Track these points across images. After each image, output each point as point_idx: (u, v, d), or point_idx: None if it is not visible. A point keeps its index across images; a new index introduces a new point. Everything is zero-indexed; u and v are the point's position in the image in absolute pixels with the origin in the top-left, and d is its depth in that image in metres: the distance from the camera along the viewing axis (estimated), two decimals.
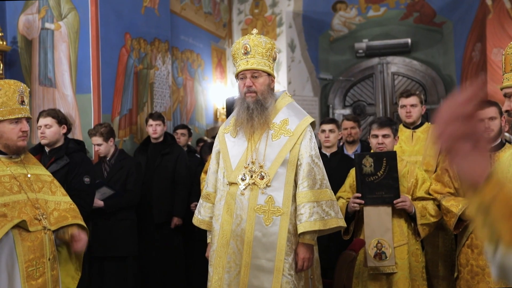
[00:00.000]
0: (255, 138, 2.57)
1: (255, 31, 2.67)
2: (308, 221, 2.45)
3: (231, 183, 2.56)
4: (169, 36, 5.85)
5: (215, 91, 7.47)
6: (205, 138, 6.38)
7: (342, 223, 2.58)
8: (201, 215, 2.77)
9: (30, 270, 2.25)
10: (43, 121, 3.41)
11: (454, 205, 3.01)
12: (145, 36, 5.32)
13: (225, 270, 2.49)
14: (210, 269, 2.59)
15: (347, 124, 4.81)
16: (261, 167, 2.51)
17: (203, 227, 2.76)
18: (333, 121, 4.24)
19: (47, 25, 4.62)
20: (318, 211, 2.47)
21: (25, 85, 2.43)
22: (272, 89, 2.66)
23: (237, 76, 2.66)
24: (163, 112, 5.62)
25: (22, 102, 2.36)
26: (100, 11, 4.58)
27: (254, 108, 2.53)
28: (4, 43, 4.55)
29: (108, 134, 4.06)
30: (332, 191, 2.61)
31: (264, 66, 2.57)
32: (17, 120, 2.34)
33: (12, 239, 2.23)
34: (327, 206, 2.51)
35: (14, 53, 4.69)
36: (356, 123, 4.84)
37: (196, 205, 4.39)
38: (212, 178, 2.72)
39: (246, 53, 2.56)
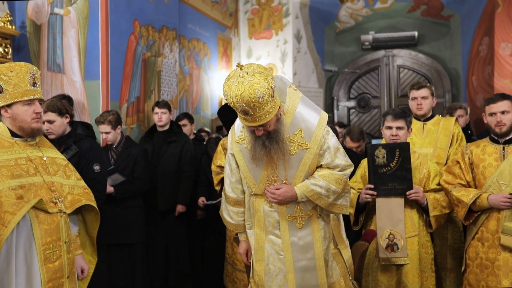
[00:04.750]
0: (273, 154, 2.45)
1: (239, 73, 2.26)
2: (308, 187, 2.47)
3: (255, 195, 2.58)
4: (176, 24, 5.81)
5: (221, 80, 7.44)
6: (206, 128, 6.36)
7: (335, 207, 2.58)
8: (233, 220, 2.74)
9: (47, 253, 2.26)
10: (44, 117, 3.24)
11: (465, 195, 3.02)
12: (153, 23, 5.29)
13: (265, 272, 2.56)
14: (252, 269, 2.66)
15: (351, 144, 4.61)
16: (285, 183, 2.50)
17: (239, 230, 2.77)
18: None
19: (56, 10, 4.58)
20: (322, 192, 2.49)
21: (36, 67, 2.42)
22: (281, 114, 2.43)
23: None
24: (169, 100, 5.60)
25: (34, 84, 2.35)
26: None
27: (271, 148, 2.39)
28: (13, 27, 4.51)
29: (116, 121, 4.03)
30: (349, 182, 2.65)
31: (269, 116, 2.28)
32: (30, 102, 2.34)
33: (29, 222, 2.23)
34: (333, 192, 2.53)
35: (22, 38, 4.65)
36: (359, 142, 4.62)
37: (203, 201, 4.45)
38: (238, 185, 2.67)
39: (246, 114, 2.26)
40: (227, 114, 3.04)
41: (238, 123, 2.61)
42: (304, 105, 2.51)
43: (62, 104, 3.35)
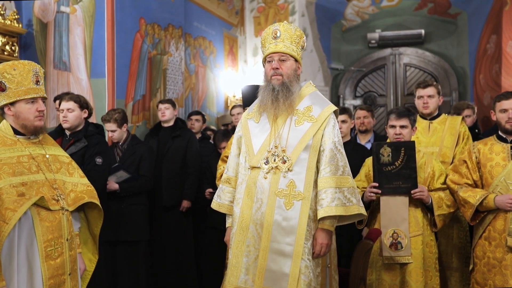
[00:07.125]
0: (279, 123, 2.56)
1: (285, 22, 2.73)
2: (329, 206, 2.42)
3: (252, 167, 2.55)
4: (182, 22, 5.82)
5: (226, 79, 7.45)
6: (212, 127, 6.37)
7: (363, 211, 2.54)
8: (220, 199, 2.74)
9: (49, 250, 2.27)
10: (65, 105, 3.44)
11: (472, 196, 3.01)
12: (159, 21, 5.30)
13: (244, 254, 2.48)
14: (230, 252, 2.58)
15: (360, 113, 4.80)
16: (283, 151, 2.49)
17: (222, 210, 2.74)
18: (344, 111, 4.24)
19: (63, 8, 4.61)
20: (339, 197, 2.44)
21: (39, 66, 2.43)
22: (298, 76, 2.65)
23: (264, 60, 2.67)
24: (175, 98, 5.62)
25: (37, 82, 2.37)
26: None
27: (279, 90, 2.52)
28: (20, 25, 4.55)
29: (122, 120, 4.07)
30: (353, 179, 2.58)
31: (292, 51, 2.58)
32: (33, 100, 2.35)
33: (31, 219, 2.24)
34: (348, 192, 2.47)
35: (29, 36, 4.69)
36: (369, 113, 4.82)
37: (210, 192, 4.45)
38: (233, 162, 2.71)
39: (275, 37, 2.58)
40: (249, 94, 3.10)
41: (252, 104, 2.75)
42: (317, 94, 2.69)
43: (85, 100, 3.58)
